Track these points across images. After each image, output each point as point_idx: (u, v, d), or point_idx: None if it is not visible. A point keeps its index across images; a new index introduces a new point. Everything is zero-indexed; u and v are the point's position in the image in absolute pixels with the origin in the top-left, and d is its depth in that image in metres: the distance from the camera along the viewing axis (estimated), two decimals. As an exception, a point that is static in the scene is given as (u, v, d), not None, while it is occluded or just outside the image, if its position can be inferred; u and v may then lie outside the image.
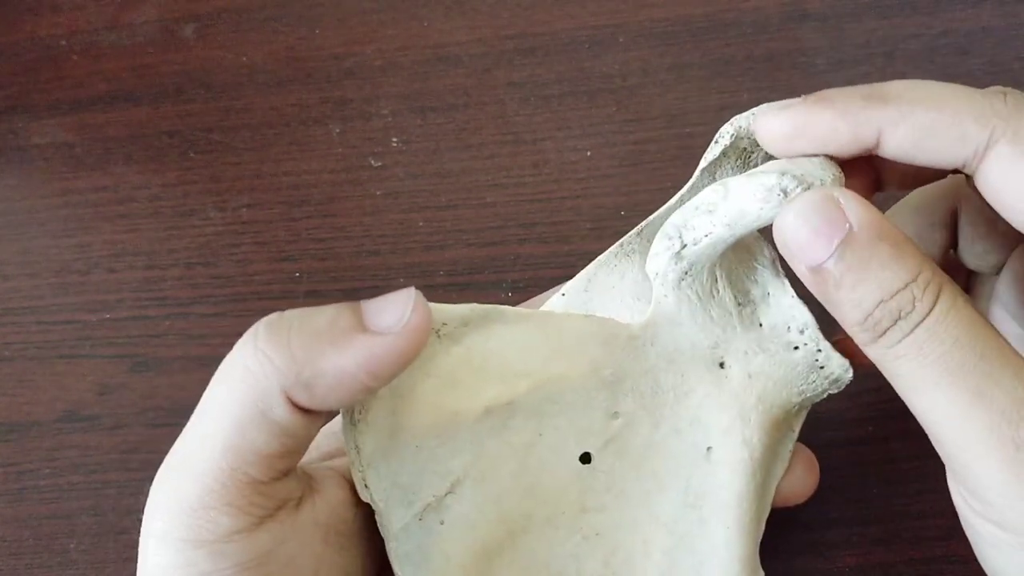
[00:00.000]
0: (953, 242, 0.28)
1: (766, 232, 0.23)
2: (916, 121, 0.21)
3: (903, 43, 0.40)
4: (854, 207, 0.20)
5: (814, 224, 0.21)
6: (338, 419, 0.26)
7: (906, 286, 0.20)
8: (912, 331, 0.20)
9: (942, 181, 0.26)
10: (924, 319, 0.20)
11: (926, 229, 0.27)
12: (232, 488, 0.21)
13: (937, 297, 0.20)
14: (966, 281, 0.29)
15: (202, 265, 0.38)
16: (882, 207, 0.22)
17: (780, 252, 0.22)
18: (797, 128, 0.22)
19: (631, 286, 0.26)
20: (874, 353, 0.21)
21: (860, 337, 0.21)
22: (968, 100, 0.21)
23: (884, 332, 0.20)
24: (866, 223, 0.20)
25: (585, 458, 0.25)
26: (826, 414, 0.33)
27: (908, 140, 0.21)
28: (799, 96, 0.23)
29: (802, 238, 0.21)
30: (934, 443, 0.21)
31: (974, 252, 0.27)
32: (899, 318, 0.20)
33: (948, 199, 0.27)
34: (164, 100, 0.43)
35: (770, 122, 0.22)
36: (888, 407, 0.32)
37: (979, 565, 0.22)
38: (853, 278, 0.20)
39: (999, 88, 0.21)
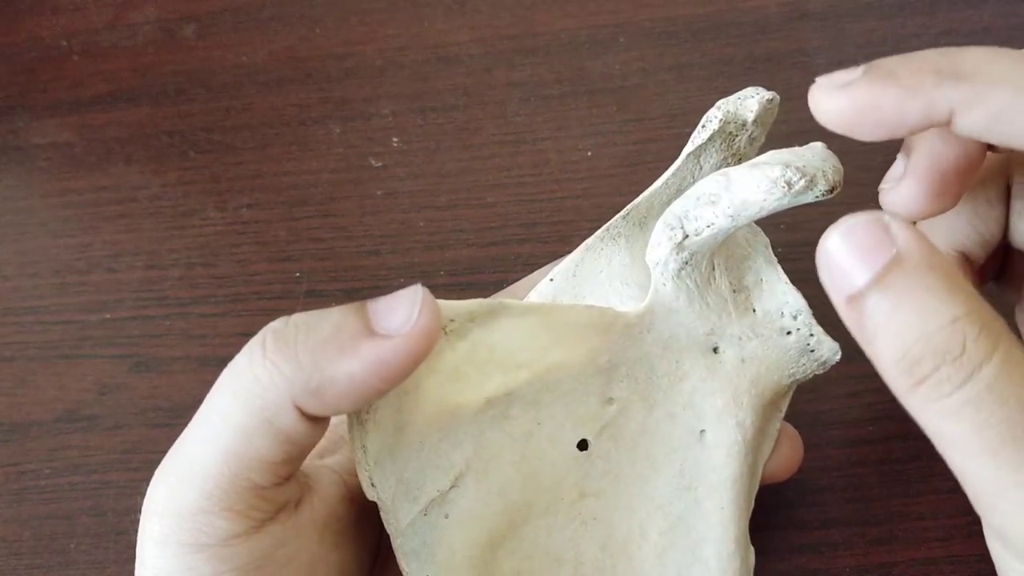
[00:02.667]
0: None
1: (761, 220, 0.23)
2: (993, 103, 0.19)
3: (903, 43, 0.40)
4: (903, 233, 0.18)
5: (858, 246, 0.18)
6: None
7: (954, 321, 0.17)
8: (965, 384, 0.17)
9: (994, 156, 0.25)
10: (980, 371, 0.17)
11: (983, 206, 0.25)
12: (233, 494, 0.20)
13: (995, 345, 0.17)
14: (1004, 261, 0.28)
15: (202, 265, 0.38)
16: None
17: (821, 280, 0.20)
18: (860, 111, 0.20)
19: (619, 270, 0.26)
20: (915, 405, 0.18)
21: (897, 383, 0.18)
22: None
23: (924, 379, 0.18)
24: (915, 250, 0.18)
25: (582, 445, 0.25)
26: (826, 414, 0.33)
27: (981, 122, 0.19)
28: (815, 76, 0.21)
29: (845, 262, 0.18)
30: (977, 505, 0.19)
31: (1022, 228, 0.25)
32: (943, 363, 0.17)
33: (1003, 174, 0.25)
34: (164, 100, 0.43)
35: (828, 103, 0.20)
36: (888, 407, 0.32)
37: (979, 565, 0.22)
38: (890, 304, 0.18)
39: None
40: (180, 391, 0.36)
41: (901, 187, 0.22)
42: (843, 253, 0.19)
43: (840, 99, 0.20)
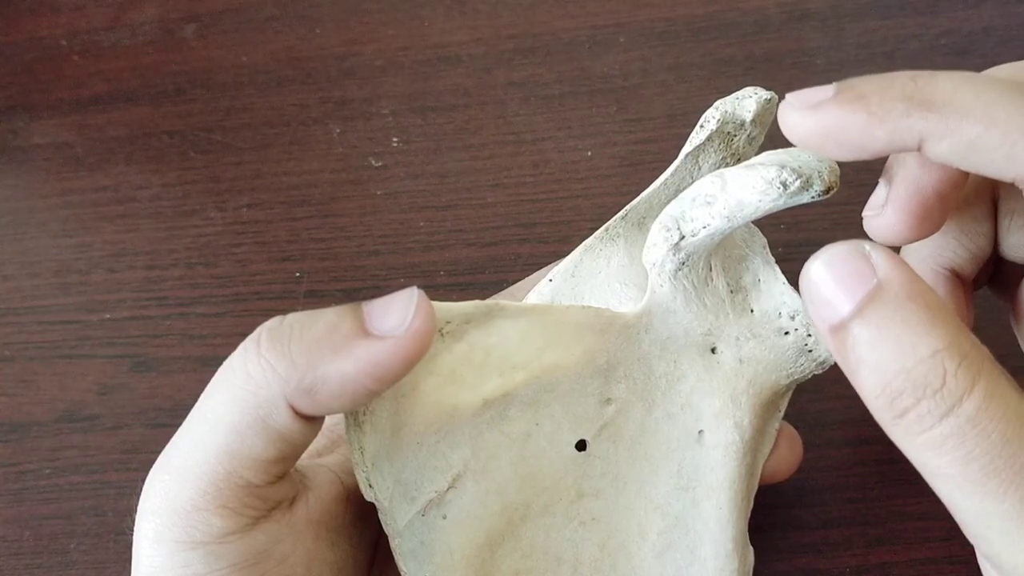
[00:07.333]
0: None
1: (760, 220, 0.23)
2: (963, 136, 0.19)
3: (903, 43, 0.40)
4: (884, 262, 0.18)
5: (839, 276, 0.18)
6: (328, 416, 0.26)
7: (934, 354, 0.17)
8: (946, 418, 0.17)
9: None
10: (961, 404, 0.17)
11: (970, 223, 0.25)
12: (227, 491, 0.21)
13: (976, 378, 0.17)
14: (995, 268, 0.28)
15: (202, 265, 0.38)
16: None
17: (806, 309, 0.20)
18: (827, 133, 0.20)
19: (617, 270, 0.26)
20: (899, 437, 0.18)
21: (880, 415, 0.18)
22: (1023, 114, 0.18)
23: (906, 412, 0.18)
24: (895, 280, 0.18)
25: (580, 445, 0.25)
26: (826, 414, 0.33)
27: (952, 153, 0.19)
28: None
29: (827, 292, 0.18)
30: (968, 535, 0.19)
31: (1011, 242, 0.25)
32: (923, 396, 0.17)
33: (988, 190, 0.25)
34: (164, 100, 0.43)
35: (797, 121, 0.20)
36: (888, 407, 0.32)
37: (979, 566, 0.22)
38: (872, 336, 0.18)
39: None
40: (180, 391, 0.36)
41: (884, 216, 0.22)
42: (826, 282, 0.19)
43: (808, 119, 0.20)
